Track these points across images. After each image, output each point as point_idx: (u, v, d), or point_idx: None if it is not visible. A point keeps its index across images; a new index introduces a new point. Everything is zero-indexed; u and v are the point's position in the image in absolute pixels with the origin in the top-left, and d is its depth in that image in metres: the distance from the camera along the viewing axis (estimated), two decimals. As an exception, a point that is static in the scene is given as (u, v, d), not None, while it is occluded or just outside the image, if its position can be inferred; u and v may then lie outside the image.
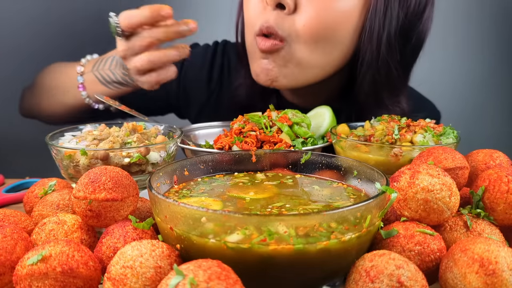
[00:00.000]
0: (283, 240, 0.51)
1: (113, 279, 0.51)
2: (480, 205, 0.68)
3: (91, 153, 0.81)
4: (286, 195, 0.69)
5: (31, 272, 0.52)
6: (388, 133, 0.91)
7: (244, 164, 0.79)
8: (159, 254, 0.53)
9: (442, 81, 2.19)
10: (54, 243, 0.56)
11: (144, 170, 0.85)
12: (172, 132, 0.99)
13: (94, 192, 0.63)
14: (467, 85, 2.21)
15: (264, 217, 0.52)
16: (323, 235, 0.52)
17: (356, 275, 0.52)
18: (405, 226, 0.61)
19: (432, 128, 0.92)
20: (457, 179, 0.73)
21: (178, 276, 0.46)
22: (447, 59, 2.18)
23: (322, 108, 1.11)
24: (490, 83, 2.21)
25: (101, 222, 0.64)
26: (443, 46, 2.16)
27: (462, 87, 2.21)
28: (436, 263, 0.58)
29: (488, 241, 0.55)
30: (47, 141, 0.88)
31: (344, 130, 1.00)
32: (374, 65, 1.12)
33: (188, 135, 1.13)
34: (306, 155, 0.78)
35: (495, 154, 0.80)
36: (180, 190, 0.71)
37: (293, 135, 0.95)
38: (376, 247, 0.61)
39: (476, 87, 2.22)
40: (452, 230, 0.65)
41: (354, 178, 0.72)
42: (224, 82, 1.45)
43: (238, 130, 0.95)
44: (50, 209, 0.71)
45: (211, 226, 0.53)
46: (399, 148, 0.86)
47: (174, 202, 0.54)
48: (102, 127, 0.95)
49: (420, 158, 0.77)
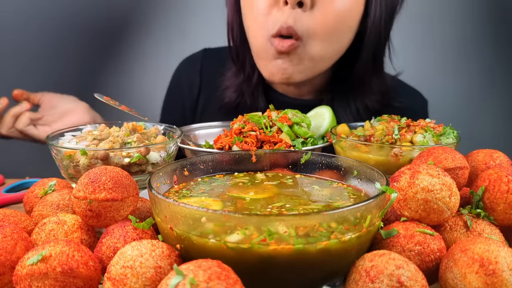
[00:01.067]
0: (283, 240, 0.51)
1: (113, 279, 0.51)
2: (480, 205, 0.68)
3: (91, 153, 0.81)
4: (286, 195, 0.69)
5: (31, 272, 0.52)
6: (388, 133, 0.91)
7: (244, 164, 0.79)
8: (159, 254, 0.53)
9: (442, 81, 2.19)
10: (54, 243, 0.56)
11: (144, 170, 0.85)
12: (172, 132, 0.99)
13: (94, 192, 0.63)
14: (467, 85, 2.21)
15: (264, 217, 0.52)
16: (323, 235, 0.52)
17: (356, 275, 0.52)
18: (405, 226, 0.61)
19: (432, 128, 0.92)
20: (457, 179, 0.73)
21: (178, 276, 0.46)
22: (447, 59, 2.18)
23: (322, 108, 1.11)
24: (491, 83, 2.21)
25: (101, 222, 0.64)
26: (443, 46, 2.16)
27: (462, 87, 2.21)
28: (436, 263, 0.58)
29: (488, 241, 0.55)
30: (47, 141, 0.88)
31: (344, 130, 1.00)
32: (377, 45, 1.21)
33: (188, 135, 1.13)
34: (306, 155, 0.78)
35: (495, 154, 0.80)
36: (180, 190, 0.71)
37: (293, 135, 0.95)
38: (376, 247, 0.61)
39: (476, 87, 2.22)
40: (452, 230, 0.65)
41: (354, 178, 0.72)
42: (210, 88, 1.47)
43: (238, 130, 0.95)
44: (50, 209, 0.71)
45: (211, 226, 0.53)
46: (399, 148, 0.86)
47: (174, 202, 0.54)
48: (102, 127, 0.95)
49: (420, 158, 0.77)
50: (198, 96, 1.47)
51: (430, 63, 2.18)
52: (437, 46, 2.17)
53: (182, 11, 2.07)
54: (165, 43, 2.07)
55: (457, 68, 2.19)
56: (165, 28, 2.08)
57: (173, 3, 2.07)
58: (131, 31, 2.08)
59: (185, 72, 1.52)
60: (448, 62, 2.18)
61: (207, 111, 1.46)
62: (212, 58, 1.50)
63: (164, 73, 1.67)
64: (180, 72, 1.54)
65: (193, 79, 1.48)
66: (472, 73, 2.20)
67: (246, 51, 1.30)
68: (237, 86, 1.35)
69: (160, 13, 2.07)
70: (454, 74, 2.20)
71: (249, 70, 1.33)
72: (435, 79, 2.18)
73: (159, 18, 2.08)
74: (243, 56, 1.32)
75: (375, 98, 1.30)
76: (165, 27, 2.08)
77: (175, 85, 1.54)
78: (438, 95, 2.19)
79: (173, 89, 1.54)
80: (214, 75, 1.44)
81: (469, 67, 2.20)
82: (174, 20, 2.07)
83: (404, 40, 2.18)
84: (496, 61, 2.19)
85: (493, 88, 2.21)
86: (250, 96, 1.34)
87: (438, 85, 2.19)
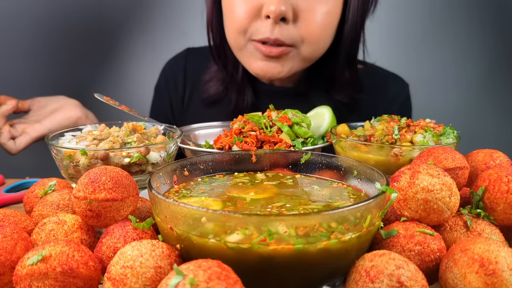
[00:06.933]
0: (283, 240, 0.51)
1: (113, 279, 0.51)
2: (480, 205, 0.68)
3: (91, 153, 0.81)
4: (286, 195, 0.69)
5: (31, 272, 0.52)
6: (388, 133, 0.91)
7: (244, 164, 0.79)
8: (159, 254, 0.53)
9: (443, 81, 2.19)
10: (54, 243, 0.56)
11: (144, 170, 0.85)
12: (172, 132, 0.99)
13: (94, 192, 0.63)
14: (468, 85, 2.21)
15: (264, 217, 0.52)
16: (323, 235, 0.52)
17: (356, 275, 0.52)
18: (405, 226, 0.61)
19: (432, 128, 0.92)
20: (457, 179, 0.73)
21: (178, 276, 0.46)
22: (447, 59, 2.18)
23: (322, 108, 1.11)
24: (491, 83, 2.21)
25: (101, 222, 0.64)
26: (443, 46, 2.16)
27: (463, 86, 2.21)
28: (436, 263, 0.58)
29: (488, 241, 0.55)
30: (47, 141, 0.88)
31: (344, 130, 1.00)
32: (353, 45, 1.28)
33: (188, 135, 1.13)
34: (306, 155, 0.78)
35: (495, 154, 0.80)
36: (180, 190, 0.71)
37: (293, 135, 0.95)
38: (376, 247, 0.61)
39: (477, 87, 2.22)
40: (452, 230, 0.65)
41: (354, 178, 0.72)
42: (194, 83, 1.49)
43: (238, 130, 0.95)
44: (50, 209, 0.71)
45: (211, 226, 0.53)
46: (399, 148, 0.86)
47: (174, 202, 0.54)
48: (102, 127, 0.95)
49: (420, 158, 0.77)
50: (183, 92, 1.50)
51: (430, 63, 2.18)
52: (437, 46, 2.17)
53: (181, 10, 2.07)
54: (165, 43, 2.07)
55: (458, 67, 2.19)
56: (165, 28, 2.08)
57: (173, 2, 2.07)
58: (131, 31, 2.08)
59: (170, 71, 1.55)
60: (448, 62, 2.18)
61: (192, 106, 1.49)
62: (196, 56, 1.53)
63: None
64: (165, 72, 1.57)
65: (178, 77, 1.51)
66: (472, 73, 2.21)
67: (227, 50, 1.32)
68: (222, 80, 1.39)
69: (159, 13, 2.07)
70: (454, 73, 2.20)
71: (232, 69, 1.35)
72: (435, 78, 2.18)
73: (158, 18, 2.08)
74: (224, 55, 1.34)
75: (344, 92, 1.36)
76: (164, 27, 2.08)
77: (162, 83, 1.57)
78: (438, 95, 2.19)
79: (160, 87, 1.57)
80: (197, 71, 1.47)
81: (469, 66, 2.20)
82: (173, 20, 2.07)
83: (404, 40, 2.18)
84: (496, 61, 2.19)
85: (494, 88, 2.22)
86: (235, 92, 1.37)
87: (439, 84, 2.19)
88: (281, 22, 1.13)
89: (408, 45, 2.18)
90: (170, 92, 1.53)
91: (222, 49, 1.32)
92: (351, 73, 1.33)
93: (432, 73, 2.18)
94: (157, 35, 2.09)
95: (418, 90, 1.55)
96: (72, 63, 2.03)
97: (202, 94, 1.43)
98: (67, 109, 1.30)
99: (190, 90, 1.50)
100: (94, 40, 2.04)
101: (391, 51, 2.12)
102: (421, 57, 2.17)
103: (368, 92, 1.38)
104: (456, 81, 2.21)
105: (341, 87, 1.34)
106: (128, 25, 2.07)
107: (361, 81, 1.37)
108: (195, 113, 1.46)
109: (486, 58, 2.18)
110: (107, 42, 2.06)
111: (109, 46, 2.07)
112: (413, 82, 1.52)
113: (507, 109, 2.22)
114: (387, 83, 1.46)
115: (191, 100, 1.49)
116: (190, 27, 1.96)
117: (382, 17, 1.46)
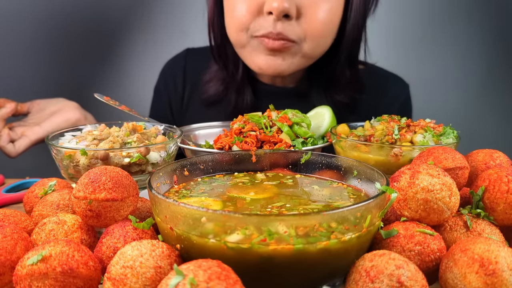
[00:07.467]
0: (283, 240, 0.51)
1: (113, 279, 0.51)
2: (480, 205, 0.68)
3: (91, 153, 0.81)
4: (286, 195, 0.69)
5: (31, 272, 0.52)
6: (388, 133, 0.91)
7: (244, 164, 0.79)
8: (159, 254, 0.53)
9: (443, 81, 2.20)
10: (54, 243, 0.56)
11: (144, 170, 0.85)
12: (172, 132, 0.99)
13: (94, 192, 0.63)
14: (467, 85, 2.21)
15: (264, 217, 0.52)
16: (323, 235, 0.52)
17: (356, 275, 0.52)
18: (405, 226, 0.61)
19: (432, 128, 0.92)
20: (457, 179, 0.73)
21: (178, 276, 0.46)
22: (447, 59, 2.18)
23: (322, 108, 1.11)
24: (490, 83, 2.21)
25: (101, 222, 0.64)
26: (443, 46, 2.16)
27: (462, 87, 2.21)
28: (436, 263, 0.58)
29: (488, 241, 0.55)
30: (47, 141, 0.88)
31: (344, 130, 1.00)
32: (354, 44, 1.28)
33: (188, 135, 1.13)
34: (306, 155, 0.78)
35: (495, 154, 0.80)
36: (180, 190, 0.71)
37: (293, 135, 0.95)
38: (376, 247, 0.61)
39: (476, 87, 2.22)
40: (452, 230, 0.65)
41: (354, 178, 0.72)
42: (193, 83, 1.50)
43: (238, 130, 0.95)
44: (50, 209, 0.71)
45: (211, 226, 0.53)
46: (399, 148, 0.86)
47: (174, 202, 0.54)
48: (102, 127, 0.95)
49: (420, 158, 0.77)
50: (183, 93, 1.51)
51: (430, 63, 2.18)
52: (437, 47, 2.17)
53: (182, 10, 2.07)
54: (166, 43, 2.07)
55: (458, 67, 2.19)
56: (165, 27, 2.08)
57: (174, 2, 2.07)
58: (131, 31, 2.08)
59: (169, 71, 1.55)
60: (448, 62, 2.18)
61: (191, 106, 1.49)
62: (195, 56, 1.53)
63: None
64: (165, 72, 1.57)
65: (177, 77, 1.52)
66: (472, 73, 2.21)
67: (228, 49, 1.32)
68: (222, 80, 1.39)
69: (160, 12, 2.07)
70: (455, 73, 2.20)
71: (232, 68, 1.35)
72: (435, 79, 2.18)
73: (159, 17, 2.08)
74: (224, 54, 1.34)
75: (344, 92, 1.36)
76: (165, 26, 2.08)
77: (161, 84, 1.57)
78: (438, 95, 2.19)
79: (159, 88, 1.57)
80: (197, 71, 1.47)
81: (469, 66, 2.20)
82: (174, 19, 2.07)
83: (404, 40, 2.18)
84: (495, 61, 2.19)
85: (494, 88, 2.22)
86: (235, 92, 1.37)
87: (439, 84, 2.19)
88: (283, 18, 1.14)
89: (408, 46, 2.18)
90: (169, 92, 1.53)
91: (223, 49, 1.33)
92: (352, 73, 1.33)
93: (432, 73, 2.18)
94: (157, 34, 2.09)
95: (418, 90, 1.55)
96: (72, 63, 2.03)
97: (202, 95, 1.43)
98: (66, 111, 1.31)
99: (189, 91, 1.50)
100: (95, 39, 2.04)
101: (391, 52, 2.12)
102: (421, 58, 2.17)
103: (369, 92, 1.38)
104: (456, 81, 2.21)
105: (342, 87, 1.34)
106: (129, 25, 2.07)
107: (362, 82, 1.37)
108: (194, 114, 1.46)
109: (486, 58, 2.18)
110: (107, 42, 2.06)
111: (110, 46, 2.07)
112: (413, 83, 1.52)
113: (507, 109, 2.22)
114: (387, 84, 1.47)
115: (190, 101, 1.50)
116: (191, 26, 1.96)
117: (382, 18, 1.47)
